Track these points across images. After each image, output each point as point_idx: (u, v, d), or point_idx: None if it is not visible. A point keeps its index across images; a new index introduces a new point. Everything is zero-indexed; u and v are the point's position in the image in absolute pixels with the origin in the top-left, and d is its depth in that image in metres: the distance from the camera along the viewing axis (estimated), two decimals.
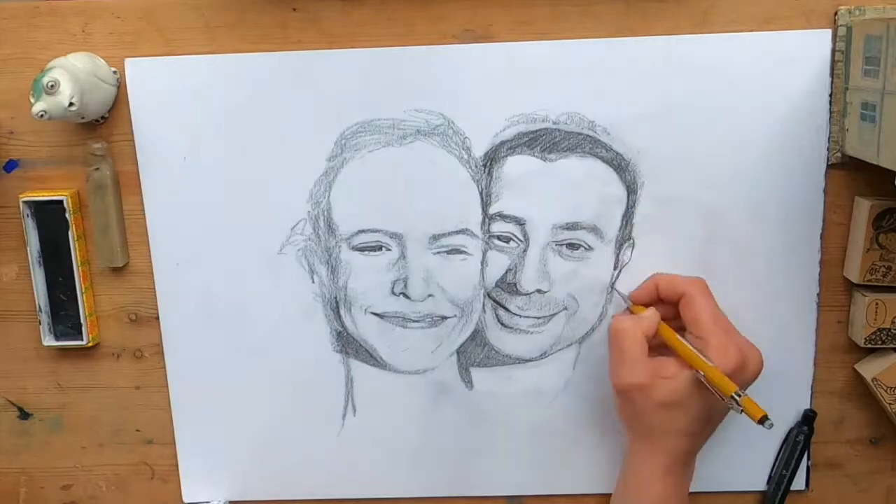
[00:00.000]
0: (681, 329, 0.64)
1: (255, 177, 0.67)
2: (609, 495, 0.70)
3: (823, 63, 0.63)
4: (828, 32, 0.63)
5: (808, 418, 0.69)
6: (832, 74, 0.63)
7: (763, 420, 0.57)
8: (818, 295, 0.67)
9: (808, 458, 0.70)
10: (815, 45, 0.63)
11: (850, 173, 0.65)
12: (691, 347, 0.62)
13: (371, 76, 0.65)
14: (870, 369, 0.66)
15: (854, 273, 0.65)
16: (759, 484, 0.71)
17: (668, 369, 0.62)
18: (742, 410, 0.58)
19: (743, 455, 0.70)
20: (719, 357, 0.60)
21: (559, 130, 0.65)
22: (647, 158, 0.65)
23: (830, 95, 0.64)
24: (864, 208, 0.64)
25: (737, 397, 0.58)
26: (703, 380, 0.60)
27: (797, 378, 0.68)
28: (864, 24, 0.60)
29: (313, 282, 0.69)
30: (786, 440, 0.69)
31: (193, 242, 0.68)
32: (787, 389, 0.68)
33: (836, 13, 0.63)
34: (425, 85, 0.65)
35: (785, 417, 0.69)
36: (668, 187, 0.66)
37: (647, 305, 0.66)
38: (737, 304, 0.67)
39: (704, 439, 0.65)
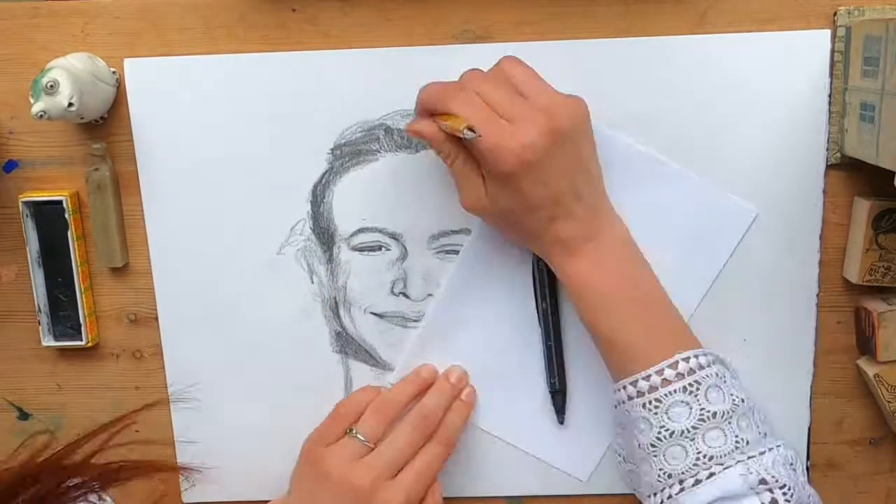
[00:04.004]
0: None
1: (254, 177, 0.67)
2: (610, 496, 0.70)
3: (823, 63, 0.63)
4: (827, 33, 0.63)
5: None
6: (831, 75, 0.63)
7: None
8: (818, 295, 0.67)
9: (808, 458, 0.70)
10: (814, 46, 0.63)
11: (849, 173, 0.65)
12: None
13: (370, 76, 0.65)
14: (872, 365, 0.66)
15: (853, 273, 0.65)
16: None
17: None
18: (477, 136, 0.55)
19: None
20: (525, 126, 0.56)
21: None
22: (646, 158, 0.65)
23: (829, 96, 0.64)
24: (863, 209, 0.64)
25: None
26: (446, 130, 0.58)
27: (797, 378, 0.68)
28: (863, 25, 0.60)
29: (312, 282, 0.69)
30: None
31: (192, 243, 0.68)
32: (787, 390, 0.68)
33: (835, 14, 0.63)
34: (423, 84, 0.65)
35: (785, 418, 0.69)
36: None
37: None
38: (736, 304, 0.67)
39: (589, 197, 0.60)
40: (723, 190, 0.65)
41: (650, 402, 0.58)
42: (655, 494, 0.59)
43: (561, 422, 0.68)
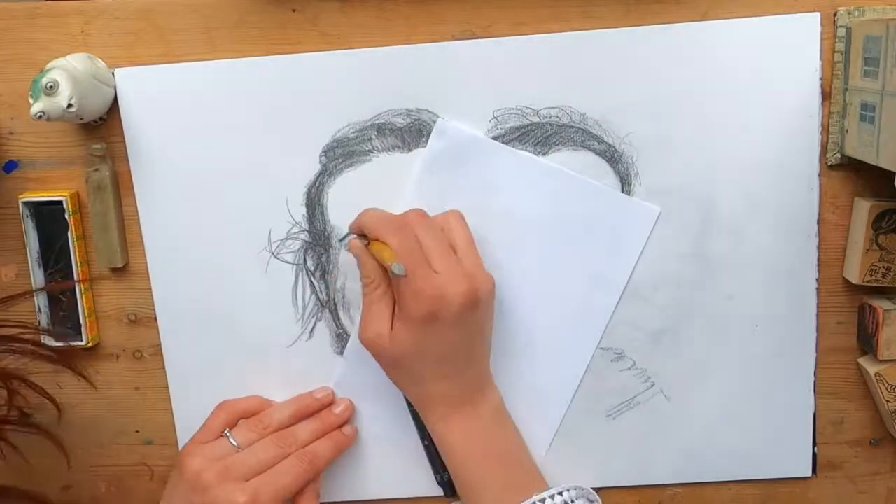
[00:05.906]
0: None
1: (250, 178, 0.67)
2: (608, 489, 0.70)
3: (813, 48, 0.63)
4: (816, 16, 0.63)
5: None
6: (822, 69, 0.63)
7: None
8: (818, 295, 0.67)
9: (814, 457, 0.70)
10: (804, 30, 0.63)
11: (849, 174, 0.65)
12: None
13: (364, 76, 0.65)
14: (873, 364, 0.66)
15: (853, 274, 0.65)
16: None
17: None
18: (403, 275, 0.58)
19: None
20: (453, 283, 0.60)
21: (550, 124, 0.65)
22: (640, 149, 0.65)
23: (823, 89, 0.64)
24: (863, 209, 0.63)
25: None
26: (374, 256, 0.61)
27: (798, 379, 0.68)
28: (863, 25, 0.60)
29: (311, 284, 0.68)
30: None
31: (189, 244, 0.68)
32: (787, 391, 0.68)
33: (835, 14, 0.63)
34: (418, 84, 0.65)
35: (787, 418, 0.69)
36: (661, 178, 0.66)
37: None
38: (736, 303, 0.67)
39: (476, 365, 0.64)
40: (625, 195, 0.66)
41: None
42: None
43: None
